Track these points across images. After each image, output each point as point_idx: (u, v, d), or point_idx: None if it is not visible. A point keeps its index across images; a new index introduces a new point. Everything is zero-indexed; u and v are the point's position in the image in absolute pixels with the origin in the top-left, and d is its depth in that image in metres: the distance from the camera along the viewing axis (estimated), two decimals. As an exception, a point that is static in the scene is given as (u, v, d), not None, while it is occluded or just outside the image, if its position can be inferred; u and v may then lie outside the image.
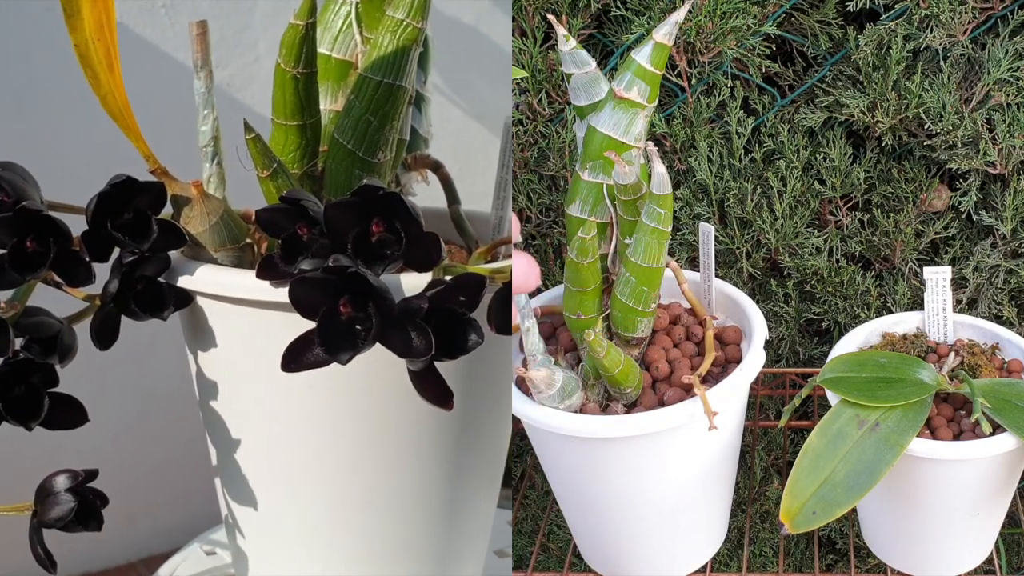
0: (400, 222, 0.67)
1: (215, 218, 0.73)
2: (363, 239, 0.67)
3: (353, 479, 0.75)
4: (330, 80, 0.80)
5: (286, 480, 0.76)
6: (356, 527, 0.77)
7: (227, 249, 0.74)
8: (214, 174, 0.76)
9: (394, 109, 0.74)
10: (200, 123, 0.75)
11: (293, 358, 0.65)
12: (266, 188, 0.74)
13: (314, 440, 0.74)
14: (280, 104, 0.75)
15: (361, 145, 0.75)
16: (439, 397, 0.65)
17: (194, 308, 0.75)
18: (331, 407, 0.73)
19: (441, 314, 0.64)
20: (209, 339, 0.75)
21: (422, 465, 0.76)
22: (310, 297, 0.64)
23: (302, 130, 0.76)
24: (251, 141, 0.71)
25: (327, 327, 0.64)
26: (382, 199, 0.66)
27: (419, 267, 0.68)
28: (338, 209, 0.67)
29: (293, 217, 0.69)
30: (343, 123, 0.75)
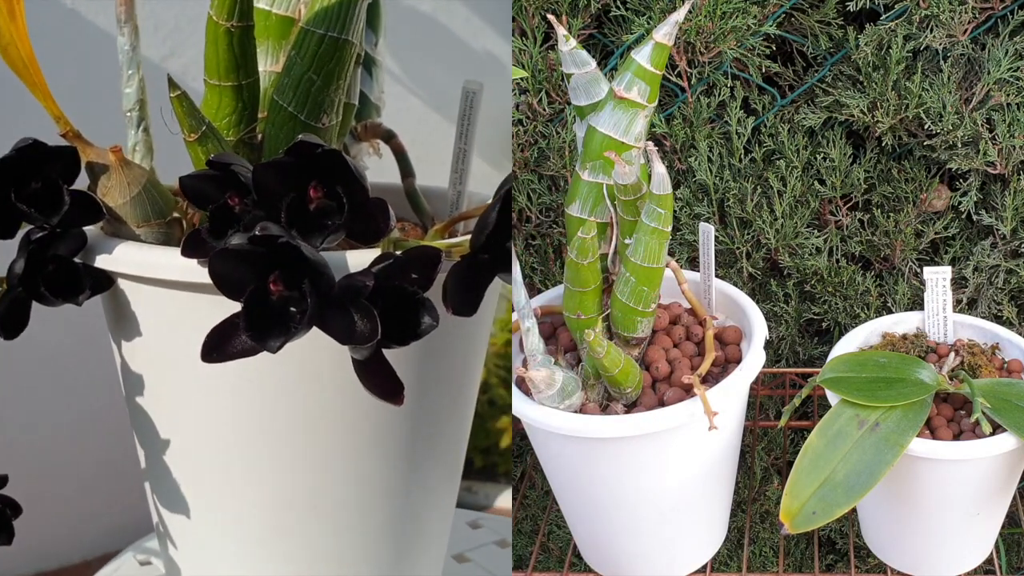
0: (342, 186, 0.58)
1: (137, 189, 0.65)
2: (299, 206, 0.59)
3: (295, 481, 0.68)
4: (270, 39, 0.72)
5: (221, 484, 0.69)
6: (299, 533, 0.70)
7: (151, 224, 0.66)
8: (140, 142, 0.69)
9: (340, 67, 0.66)
10: (124, 84, 0.68)
11: (216, 346, 0.56)
12: (194, 154, 0.66)
13: (251, 439, 0.67)
14: (212, 62, 0.66)
15: (303, 107, 0.67)
16: (387, 389, 0.58)
17: (115, 292, 0.67)
18: (269, 402, 0.66)
19: (389, 293, 0.57)
20: (132, 327, 0.67)
21: (372, 464, 0.69)
22: (234, 273, 0.55)
23: (238, 91, 0.67)
24: (176, 99, 0.63)
25: (255, 309, 0.55)
26: (321, 159, 0.58)
27: (364, 239, 0.60)
28: (268, 171, 0.58)
29: (222, 185, 0.60)
30: (283, 83, 0.67)
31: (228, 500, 0.70)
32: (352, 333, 0.56)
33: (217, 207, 0.61)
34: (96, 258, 0.65)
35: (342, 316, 0.56)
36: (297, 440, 0.67)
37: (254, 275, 0.56)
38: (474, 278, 0.62)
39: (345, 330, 0.56)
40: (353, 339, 0.56)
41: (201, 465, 0.69)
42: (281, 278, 0.56)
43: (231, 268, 0.55)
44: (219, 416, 0.67)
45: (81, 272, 0.65)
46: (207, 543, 0.71)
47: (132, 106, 0.69)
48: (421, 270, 0.58)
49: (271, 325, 0.55)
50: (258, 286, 0.56)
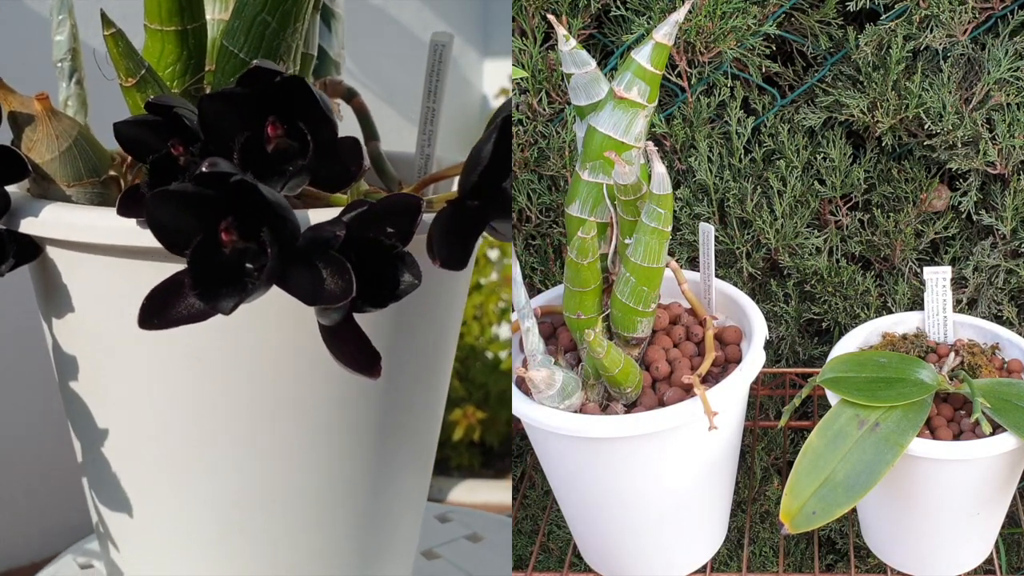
0: (306, 122, 0.51)
1: (67, 143, 0.57)
2: (254, 147, 0.50)
3: (252, 473, 0.61)
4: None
5: (167, 478, 0.62)
6: (257, 532, 0.63)
7: (84, 183, 0.58)
8: (72, 96, 0.62)
9: (297, 7, 0.59)
10: (54, 31, 0.61)
11: (157, 310, 0.47)
12: (132, 102, 0.58)
13: (201, 426, 0.60)
14: (154, 4, 0.59)
15: (256, 52, 0.59)
16: (362, 360, 0.50)
17: (44, 262, 0.59)
18: (220, 384, 0.58)
19: (363, 247, 0.49)
20: (64, 301, 0.59)
21: (339, 454, 0.62)
22: (177, 221, 0.46)
23: (182, 37, 0.60)
24: (111, 38, 0.55)
25: (203, 263, 0.46)
26: (280, 88, 0.50)
27: (331, 184, 0.53)
28: (217, 103, 0.50)
29: (164, 131, 0.52)
30: (233, 26, 0.59)
31: (175, 497, 0.63)
32: (320, 292, 0.47)
33: (159, 157, 0.52)
34: (20, 222, 0.57)
35: (308, 272, 0.47)
36: (254, 428, 0.60)
37: (202, 223, 0.46)
38: (464, 226, 0.53)
39: (312, 288, 0.47)
40: (322, 298, 0.47)
41: (144, 458, 0.62)
42: (234, 226, 0.46)
43: (173, 214, 0.46)
44: (163, 402, 0.60)
45: (4, 238, 0.58)
46: (152, 544, 0.64)
47: (63, 55, 0.62)
48: (399, 221, 0.50)
49: (223, 282, 0.47)
50: (206, 236, 0.46)
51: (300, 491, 0.63)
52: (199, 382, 0.59)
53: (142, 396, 0.60)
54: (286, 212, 0.47)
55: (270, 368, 0.59)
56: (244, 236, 0.47)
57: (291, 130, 0.51)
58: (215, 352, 0.58)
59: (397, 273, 0.49)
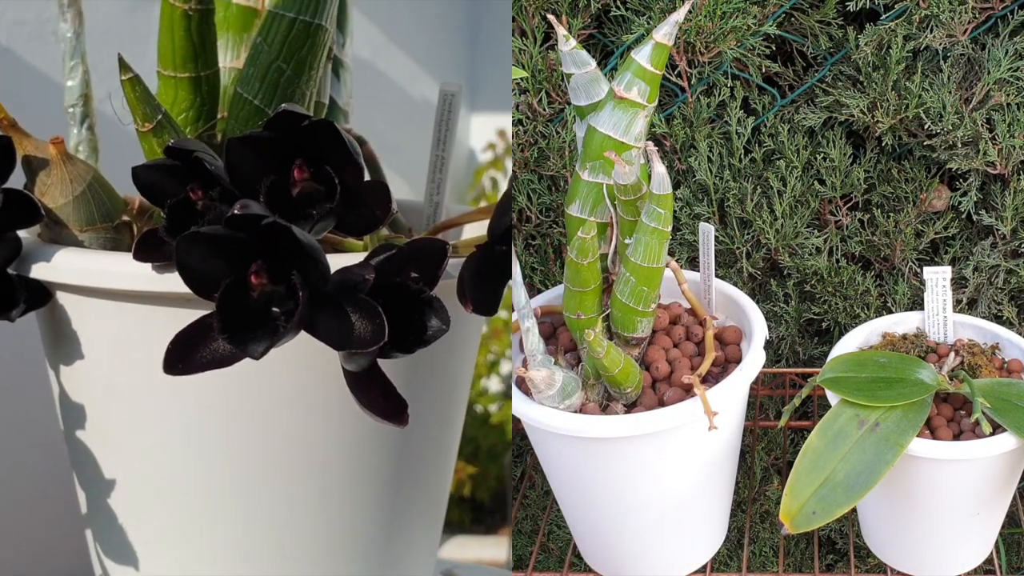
0: (332, 166, 0.50)
1: (81, 187, 0.56)
2: (280, 190, 0.49)
3: (259, 524, 0.59)
4: (230, 31, 0.64)
5: (174, 529, 0.60)
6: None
7: (97, 228, 0.58)
8: (84, 141, 0.62)
9: (312, 55, 0.59)
10: (66, 76, 0.61)
11: (182, 355, 0.46)
12: (148, 147, 0.58)
13: (211, 478, 0.58)
14: (168, 50, 0.59)
15: (271, 100, 0.59)
16: (388, 407, 0.49)
17: (54, 307, 0.58)
18: (233, 436, 0.57)
19: (390, 291, 0.48)
20: (74, 348, 0.58)
21: (350, 507, 0.60)
22: (206, 264, 0.45)
23: (196, 84, 0.60)
24: (128, 83, 0.55)
25: (232, 306, 0.45)
26: (308, 132, 0.49)
27: (357, 229, 0.52)
28: (245, 147, 0.49)
29: (183, 176, 0.52)
30: (248, 74, 0.59)
31: (183, 548, 0.61)
32: (350, 336, 0.46)
33: (178, 202, 0.52)
34: (32, 267, 0.56)
35: (337, 316, 0.46)
36: (263, 478, 0.58)
37: (231, 266, 0.46)
38: (494, 271, 0.54)
39: (341, 333, 0.46)
40: (351, 343, 0.46)
41: (152, 509, 0.60)
42: (265, 269, 0.45)
43: (202, 257, 0.45)
44: (173, 452, 0.58)
45: (15, 283, 0.56)
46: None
47: (75, 101, 0.62)
48: (425, 265, 0.49)
49: (252, 326, 0.45)
50: (235, 279, 0.45)
51: (309, 543, 0.61)
52: (209, 432, 0.57)
53: (151, 445, 0.59)
54: (318, 255, 0.46)
55: (280, 417, 0.58)
56: (273, 279, 0.46)
57: (317, 174, 0.50)
58: (225, 401, 0.56)
59: (425, 318, 0.48)
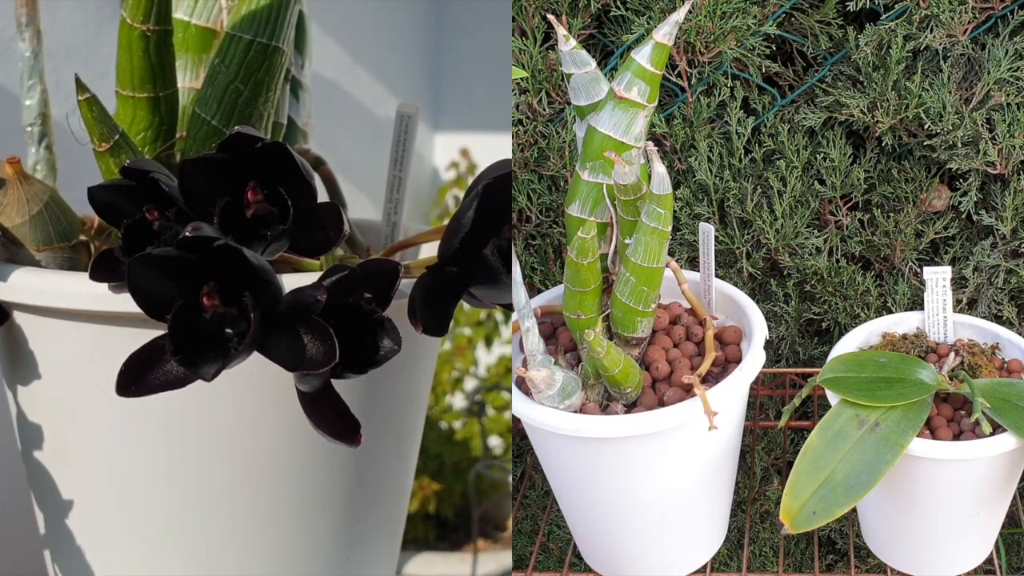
0: (286, 188, 0.50)
1: (38, 207, 0.57)
2: (233, 211, 0.50)
3: (224, 546, 0.59)
4: (189, 52, 0.65)
5: (135, 550, 0.60)
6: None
7: (53, 248, 0.58)
8: (42, 160, 0.62)
9: (269, 76, 0.59)
10: (24, 95, 0.61)
11: (135, 376, 0.46)
12: (105, 166, 0.58)
13: (170, 496, 0.58)
14: (126, 71, 0.59)
15: (229, 121, 0.60)
16: (341, 428, 0.49)
17: (11, 328, 0.58)
18: (193, 450, 0.57)
19: (342, 312, 0.49)
20: (31, 368, 0.58)
21: (310, 524, 0.61)
22: (158, 285, 0.46)
23: (154, 104, 0.60)
24: (85, 103, 0.55)
25: (183, 328, 0.46)
26: (261, 154, 0.50)
27: (310, 251, 0.53)
28: (199, 168, 0.50)
29: (138, 196, 0.52)
30: (206, 94, 0.60)
31: (143, 570, 0.60)
32: (302, 357, 0.47)
33: (133, 223, 0.52)
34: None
35: (289, 337, 0.47)
36: (224, 498, 0.59)
37: (183, 287, 0.46)
38: (444, 292, 0.54)
39: (293, 354, 0.47)
40: (303, 364, 0.47)
41: (111, 530, 0.60)
42: (216, 290, 0.46)
43: (154, 279, 0.46)
44: (131, 472, 0.58)
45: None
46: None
47: (33, 120, 0.62)
48: (378, 286, 0.50)
49: (204, 348, 0.46)
50: (187, 301, 0.46)
51: (272, 562, 0.61)
52: (168, 451, 0.57)
53: (109, 466, 0.58)
54: (270, 277, 0.46)
55: (241, 437, 0.58)
56: (225, 301, 0.46)
57: (271, 196, 0.51)
58: (184, 421, 0.56)
59: (377, 339, 0.49)
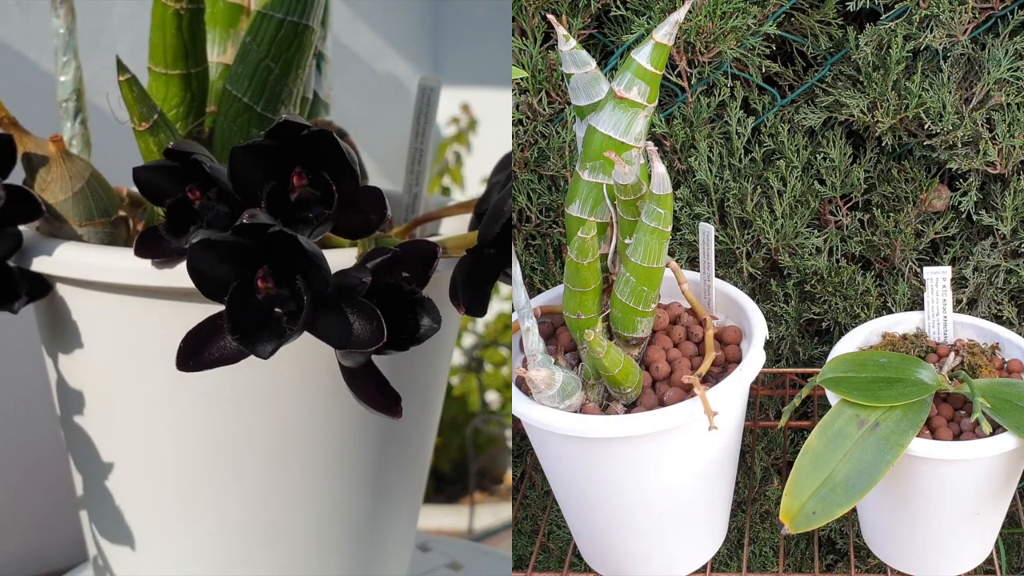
0: (330, 172, 0.53)
1: (80, 183, 0.59)
2: (280, 196, 0.52)
3: (256, 507, 0.62)
4: (217, 26, 0.66)
5: (172, 512, 0.62)
6: (258, 563, 0.63)
7: (95, 223, 0.60)
8: (77, 135, 0.64)
9: (300, 54, 0.61)
10: (59, 71, 0.63)
11: (193, 352, 0.50)
12: (144, 144, 0.60)
13: (206, 462, 0.60)
14: (159, 48, 0.61)
15: (260, 98, 0.61)
16: (383, 401, 0.52)
17: (53, 298, 0.60)
18: (228, 421, 0.59)
19: (384, 292, 0.51)
20: (73, 338, 0.60)
21: (340, 490, 0.63)
22: (216, 268, 0.49)
23: (186, 81, 0.62)
24: (125, 84, 0.57)
25: (240, 309, 0.49)
26: (307, 141, 0.52)
27: (353, 233, 0.55)
28: (248, 155, 0.52)
29: (182, 177, 0.55)
30: (237, 71, 0.61)
31: (180, 530, 0.63)
32: (349, 336, 0.50)
33: (176, 201, 0.55)
34: (33, 260, 0.58)
35: (337, 317, 0.50)
36: (260, 462, 0.61)
37: (239, 270, 0.49)
38: (484, 273, 0.58)
39: (341, 333, 0.50)
40: (351, 343, 0.50)
41: (149, 491, 0.62)
42: (271, 274, 0.49)
43: (213, 262, 0.48)
44: (170, 437, 0.60)
45: (17, 276, 0.58)
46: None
47: (68, 96, 0.63)
48: (416, 266, 0.53)
49: (260, 327, 0.49)
50: (242, 282, 0.49)
51: (303, 524, 0.63)
52: (207, 417, 0.59)
53: (150, 431, 0.61)
54: (321, 261, 0.49)
55: (277, 405, 0.60)
56: (278, 283, 0.50)
57: (315, 180, 0.53)
58: (223, 388, 0.59)
59: (417, 317, 0.52)
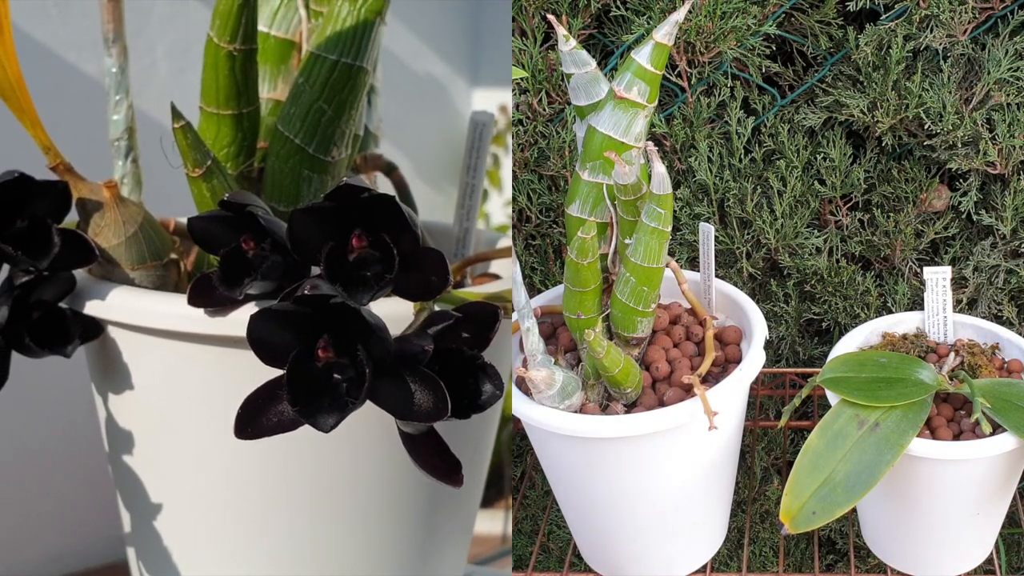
0: (390, 234, 0.51)
1: (133, 228, 0.59)
2: (338, 257, 0.52)
3: (303, 555, 0.61)
4: (268, 63, 0.67)
5: (219, 555, 0.62)
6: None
7: (147, 267, 0.60)
8: (128, 174, 0.65)
9: (353, 96, 0.61)
10: (111, 111, 0.63)
11: (251, 419, 0.49)
12: (197, 190, 0.60)
13: (253, 507, 0.60)
14: (212, 88, 0.61)
15: (312, 139, 0.61)
16: (444, 468, 0.51)
17: (105, 341, 0.61)
18: (275, 468, 0.59)
19: (445, 357, 0.50)
20: (123, 379, 0.60)
21: (390, 531, 0.63)
22: (276, 337, 0.48)
23: (238, 121, 0.62)
24: (180, 130, 0.57)
25: (299, 378, 0.48)
26: (367, 205, 0.51)
27: (415, 295, 0.54)
28: (307, 217, 0.51)
29: (236, 227, 0.55)
30: (289, 112, 0.61)
31: (228, 571, 0.63)
32: (411, 407, 0.49)
33: (230, 251, 0.55)
34: (85, 304, 0.59)
35: (399, 386, 0.49)
36: (305, 510, 0.61)
37: (299, 338, 0.48)
38: None
39: (404, 403, 0.49)
40: (412, 414, 0.49)
41: (197, 534, 0.62)
42: (332, 344, 0.48)
43: (273, 331, 0.48)
44: (220, 481, 0.60)
45: (70, 320, 0.59)
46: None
47: (120, 135, 0.64)
48: (477, 330, 0.52)
49: (320, 397, 0.48)
50: (302, 350, 0.48)
51: (352, 567, 0.63)
52: (257, 463, 0.59)
53: (199, 474, 0.61)
54: (383, 332, 0.48)
55: (328, 451, 0.59)
56: (338, 352, 0.49)
57: (375, 241, 0.52)
58: (274, 436, 0.57)
59: (479, 383, 0.50)
